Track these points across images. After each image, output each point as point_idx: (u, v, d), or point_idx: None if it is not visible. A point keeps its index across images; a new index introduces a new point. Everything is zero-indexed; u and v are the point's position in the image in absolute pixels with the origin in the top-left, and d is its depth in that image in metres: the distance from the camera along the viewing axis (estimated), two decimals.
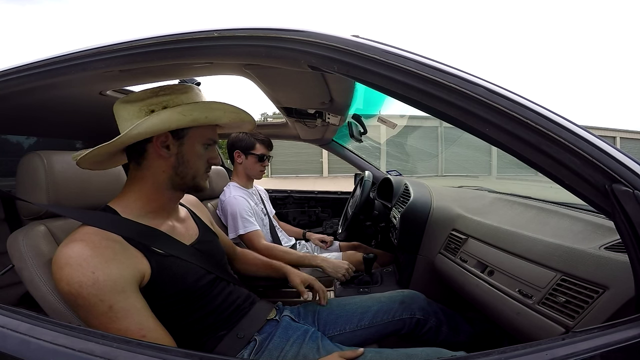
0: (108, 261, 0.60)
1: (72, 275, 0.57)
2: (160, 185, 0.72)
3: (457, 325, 0.96)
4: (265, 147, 1.58)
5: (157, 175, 0.72)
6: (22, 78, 0.67)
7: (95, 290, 0.57)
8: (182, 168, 0.72)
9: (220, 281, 0.79)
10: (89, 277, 0.57)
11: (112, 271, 0.59)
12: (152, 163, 0.71)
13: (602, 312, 0.54)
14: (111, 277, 0.59)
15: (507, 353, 0.42)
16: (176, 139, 0.71)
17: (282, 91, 1.12)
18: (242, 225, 1.39)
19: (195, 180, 0.74)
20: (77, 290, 0.57)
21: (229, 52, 0.58)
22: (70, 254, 0.59)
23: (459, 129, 0.50)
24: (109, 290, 0.58)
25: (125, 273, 0.61)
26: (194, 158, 0.73)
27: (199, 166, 0.74)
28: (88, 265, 0.58)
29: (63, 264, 0.58)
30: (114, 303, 0.58)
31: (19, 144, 1.53)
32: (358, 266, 1.36)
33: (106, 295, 0.57)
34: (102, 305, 0.57)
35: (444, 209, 1.20)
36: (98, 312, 0.57)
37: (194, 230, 0.83)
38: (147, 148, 0.70)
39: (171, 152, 0.71)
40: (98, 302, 0.57)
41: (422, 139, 4.17)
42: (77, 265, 0.58)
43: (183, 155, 0.72)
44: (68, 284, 0.57)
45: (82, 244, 0.60)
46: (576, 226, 0.75)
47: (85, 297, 0.57)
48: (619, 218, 0.44)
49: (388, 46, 0.51)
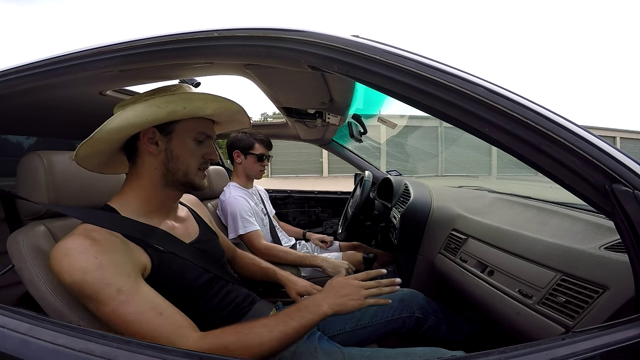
0: (110, 250, 0.59)
1: (74, 263, 0.56)
2: (155, 183, 0.72)
3: (456, 324, 0.96)
4: (264, 146, 1.58)
5: (150, 173, 0.71)
6: (22, 78, 0.67)
7: (100, 274, 0.55)
8: (172, 164, 0.71)
9: (218, 280, 0.78)
10: (92, 262, 0.56)
11: (116, 257, 0.59)
12: (143, 160, 0.71)
13: (602, 312, 0.54)
14: (115, 261, 0.58)
15: (507, 353, 0.42)
16: (163, 134, 0.70)
17: (282, 91, 1.12)
18: (242, 225, 1.39)
19: (187, 177, 0.73)
20: (81, 278, 0.55)
21: (229, 52, 0.58)
22: (70, 245, 0.58)
23: (459, 129, 0.50)
24: (113, 273, 0.57)
25: (128, 260, 0.61)
26: (184, 153, 0.72)
27: (190, 162, 0.73)
28: (89, 252, 0.57)
29: (62, 255, 0.57)
30: (122, 285, 0.56)
31: (19, 144, 1.53)
32: (358, 266, 1.36)
33: (112, 278, 0.56)
34: (110, 289, 0.55)
35: (444, 209, 1.20)
36: (108, 297, 0.55)
37: (194, 229, 0.83)
38: (137, 145, 0.71)
39: (160, 148, 0.70)
40: (105, 287, 0.55)
41: (422, 139, 4.17)
42: (77, 253, 0.57)
43: (172, 151, 0.71)
44: (70, 274, 0.55)
45: (81, 237, 0.60)
46: (576, 226, 0.75)
47: (90, 284, 0.55)
48: (619, 218, 0.44)
49: (388, 46, 0.51)
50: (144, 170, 0.71)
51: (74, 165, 0.70)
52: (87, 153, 0.68)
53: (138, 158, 0.71)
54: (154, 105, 0.66)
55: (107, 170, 0.75)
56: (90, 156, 0.69)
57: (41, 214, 0.72)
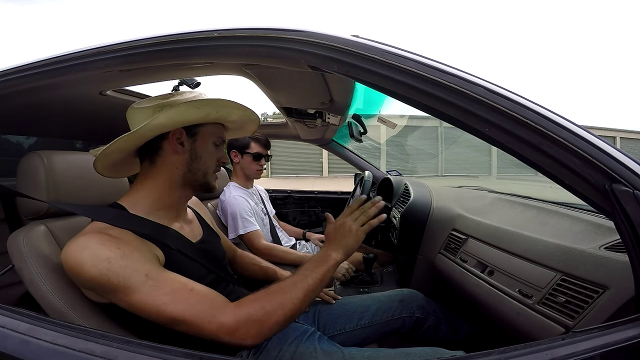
0: (128, 242, 0.60)
1: (98, 254, 0.56)
2: (172, 183, 0.73)
3: (455, 324, 0.96)
4: (260, 145, 1.57)
5: (171, 172, 0.73)
6: (22, 78, 0.67)
7: (126, 261, 0.56)
8: (195, 164, 0.74)
9: (221, 281, 0.79)
10: (115, 251, 0.57)
11: (135, 247, 0.60)
12: (166, 159, 0.72)
13: (602, 312, 0.54)
14: (137, 248, 0.59)
15: (507, 353, 0.42)
16: (189, 135, 0.73)
17: (282, 91, 1.12)
18: (242, 225, 1.39)
19: (206, 177, 0.76)
20: (107, 268, 0.55)
21: (229, 52, 0.58)
22: (88, 240, 0.59)
23: (459, 129, 0.50)
24: (137, 259, 0.58)
25: (146, 251, 0.62)
26: (206, 155, 0.75)
27: (210, 164, 0.77)
28: (111, 243, 0.58)
29: (81, 249, 0.57)
30: (148, 271, 0.57)
31: (19, 144, 1.53)
32: (358, 266, 1.36)
33: (138, 264, 0.57)
34: (139, 275, 0.56)
35: (444, 209, 1.20)
36: (138, 283, 0.56)
37: (198, 230, 0.84)
38: (162, 145, 0.72)
39: (185, 148, 0.73)
40: (133, 273, 0.56)
41: (422, 139, 4.17)
42: (99, 244, 0.57)
43: (196, 152, 0.74)
44: (95, 264, 0.55)
45: (96, 233, 0.61)
46: (576, 226, 0.75)
47: (118, 272, 0.55)
48: (619, 218, 0.44)
49: (388, 46, 0.51)
50: (165, 169, 0.72)
51: (74, 165, 0.70)
52: (114, 149, 0.68)
53: (159, 157, 0.72)
54: (195, 107, 0.69)
55: (112, 173, 0.76)
56: (110, 154, 0.70)
57: (41, 213, 0.72)
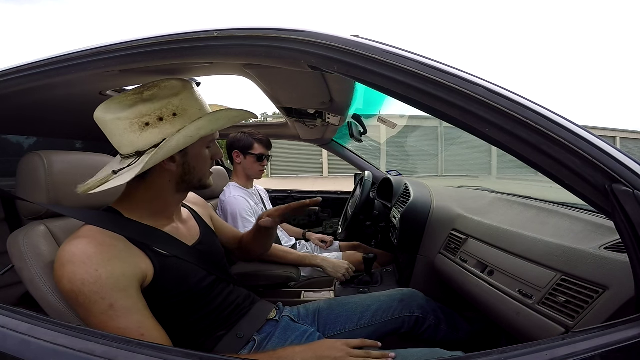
0: (111, 259, 0.60)
1: (75, 272, 0.57)
2: (166, 192, 0.73)
3: (455, 324, 0.96)
4: (263, 146, 1.58)
5: (162, 184, 0.71)
6: (22, 78, 0.67)
7: (97, 287, 0.57)
8: (188, 176, 0.73)
9: (220, 282, 0.79)
10: (92, 274, 0.57)
11: (115, 269, 0.59)
12: (157, 176, 0.70)
13: (602, 312, 0.54)
14: (114, 275, 0.59)
15: (507, 353, 0.42)
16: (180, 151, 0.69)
17: (282, 91, 1.12)
18: (242, 225, 1.39)
19: (201, 182, 0.76)
20: (79, 288, 0.57)
21: (229, 52, 0.58)
22: (75, 251, 0.59)
23: (459, 129, 0.50)
24: (110, 288, 0.58)
25: (128, 272, 0.61)
26: (200, 163, 0.74)
27: (206, 170, 0.76)
28: (91, 262, 0.58)
29: (66, 262, 0.58)
30: (115, 301, 0.58)
31: (19, 144, 1.53)
32: (358, 266, 1.36)
33: (108, 293, 0.57)
34: (103, 304, 0.57)
35: (444, 209, 1.20)
36: (98, 310, 0.57)
37: (195, 230, 0.83)
38: None
39: (177, 163, 0.70)
40: (99, 300, 0.57)
41: (422, 139, 4.17)
42: (80, 262, 0.58)
43: (189, 164, 0.72)
44: (70, 282, 0.57)
45: (86, 241, 0.60)
46: (576, 226, 0.75)
47: (86, 295, 0.57)
48: (619, 218, 0.44)
49: (388, 46, 0.51)
50: (156, 184, 0.71)
51: (73, 165, 0.70)
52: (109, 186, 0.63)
53: (150, 176, 0.69)
54: (189, 137, 0.65)
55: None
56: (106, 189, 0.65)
57: (41, 213, 0.72)
